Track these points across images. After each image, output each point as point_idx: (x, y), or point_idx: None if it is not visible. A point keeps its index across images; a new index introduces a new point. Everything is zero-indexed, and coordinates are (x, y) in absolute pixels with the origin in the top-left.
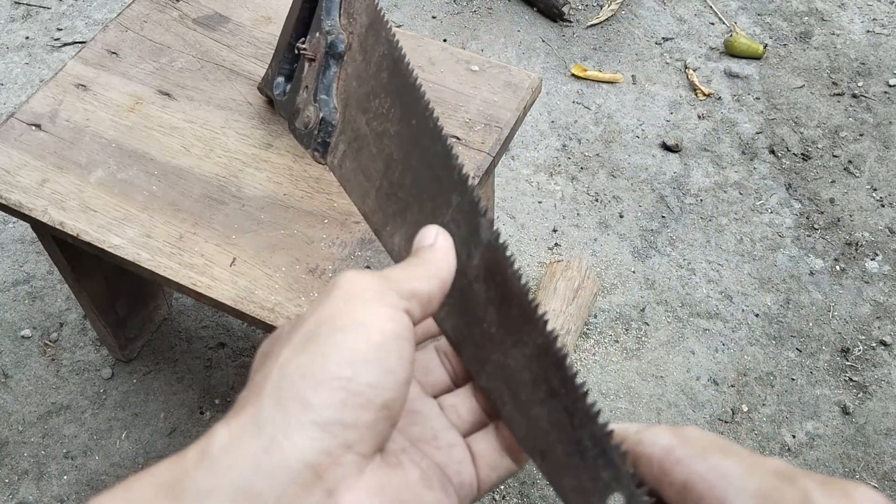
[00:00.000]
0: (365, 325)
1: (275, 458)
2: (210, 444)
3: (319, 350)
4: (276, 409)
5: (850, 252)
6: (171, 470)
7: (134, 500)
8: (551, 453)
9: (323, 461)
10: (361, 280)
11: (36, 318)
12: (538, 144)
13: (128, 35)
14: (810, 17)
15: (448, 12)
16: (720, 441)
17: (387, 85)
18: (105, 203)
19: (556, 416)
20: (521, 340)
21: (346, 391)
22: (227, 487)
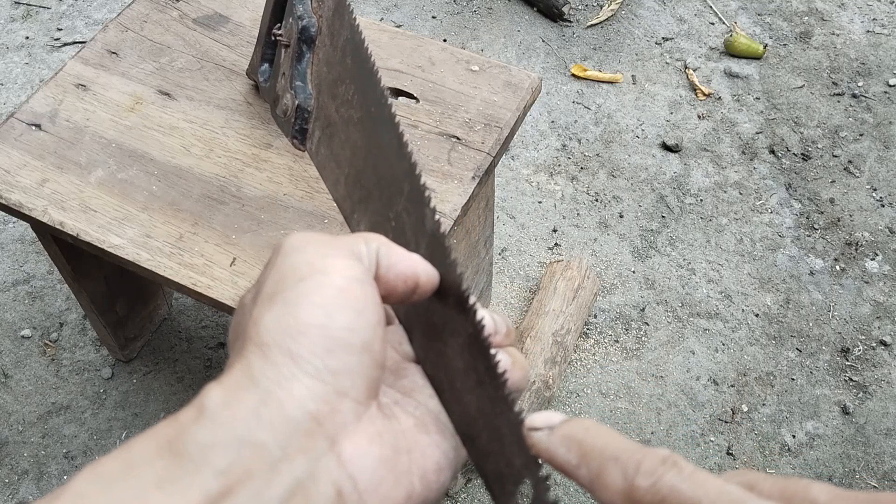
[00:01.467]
0: (325, 271)
1: (274, 409)
2: (205, 402)
3: (288, 302)
4: (265, 364)
5: (850, 252)
6: (168, 428)
7: (134, 460)
8: (478, 439)
9: (322, 409)
10: (309, 236)
11: (36, 318)
12: (538, 144)
13: (128, 35)
14: (810, 16)
15: (448, 12)
16: (683, 498)
17: (350, 70)
18: (105, 203)
19: (482, 403)
20: (455, 330)
21: (325, 337)
22: (230, 440)
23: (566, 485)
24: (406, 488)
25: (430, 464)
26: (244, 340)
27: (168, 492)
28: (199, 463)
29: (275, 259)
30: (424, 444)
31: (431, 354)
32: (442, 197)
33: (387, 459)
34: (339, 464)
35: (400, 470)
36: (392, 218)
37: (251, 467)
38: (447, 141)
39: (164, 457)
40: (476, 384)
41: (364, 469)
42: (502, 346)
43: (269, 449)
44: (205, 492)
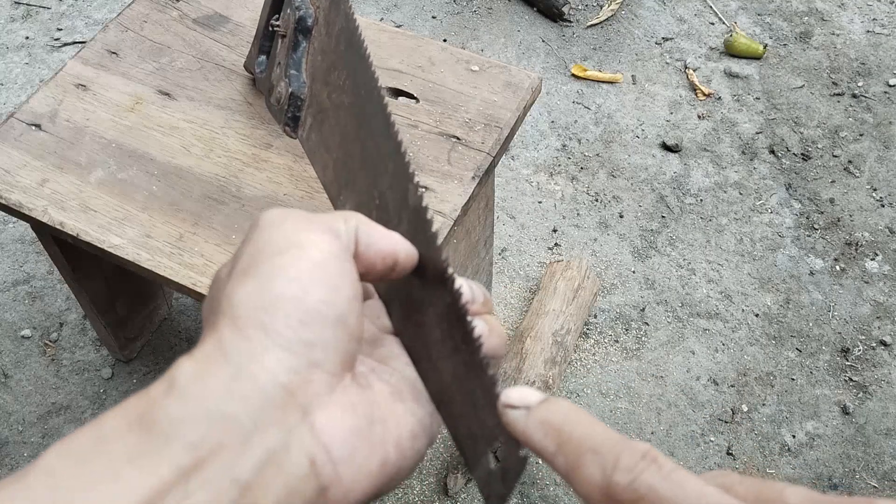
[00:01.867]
0: (301, 245)
1: (245, 383)
2: (176, 376)
3: (263, 275)
4: (238, 338)
5: (850, 252)
6: (139, 403)
7: (104, 435)
8: (452, 405)
9: (294, 380)
10: (286, 211)
11: (36, 318)
12: (538, 144)
13: (128, 35)
14: (810, 16)
15: (448, 12)
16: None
17: (343, 57)
18: (105, 203)
19: (457, 369)
20: (434, 301)
21: (299, 310)
22: (201, 414)
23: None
24: (380, 456)
25: (405, 431)
26: (217, 314)
27: (139, 465)
28: (170, 437)
29: (251, 234)
30: (399, 413)
31: (409, 326)
32: (442, 197)
33: (360, 429)
34: (312, 434)
35: (374, 439)
36: (376, 197)
37: (223, 440)
38: (447, 141)
39: (135, 431)
40: (452, 351)
41: (337, 439)
42: (479, 314)
43: (241, 421)
44: (176, 465)
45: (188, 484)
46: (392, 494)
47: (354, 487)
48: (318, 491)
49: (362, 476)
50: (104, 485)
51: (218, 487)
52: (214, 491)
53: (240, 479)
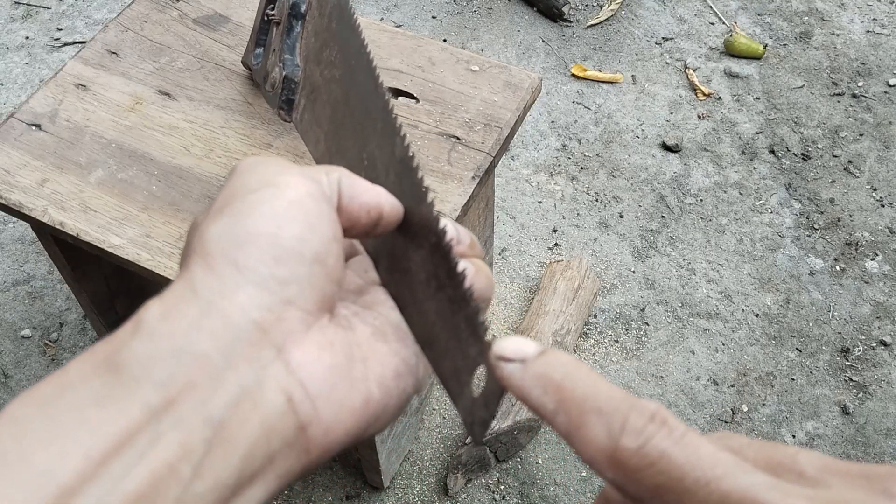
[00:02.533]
0: (278, 185)
1: (216, 319)
2: (143, 317)
3: (237, 213)
4: (208, 274)
5: (850, 252)
6: (105, 346)
7: (70, 380)
8: (436, 343)
9: (267, 317)
10: (264, 157)
11: (36, 318)
12: (538, 144)
13: (128, 35)
14: (810, 17)
15: (448, 12)
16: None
17: (335, 33)
18: (105, 203)
19: (441, 306)
20: (419, 244)
21: (274, 246)
22: (170, 351)
23: (566, 485)
24: (362, 394)
25: (389, 370)
26: (189, 255)
27: (106, 407)
28: (138, 377)
29: (228, 179)
30: (382, 352)
31: (396, 274)
32: (442, 197)
33: (339, 366)
34: (287, 371)
35: (354, 376)
36: (365, 158)
37: (193, 378)
38: (447, 141)
39: (101, 374)
40: (436, 289)
41: (314, 375)
42: (465, 256)
43: (212, 358)
44: (145, 405)
45: (159, 424)
46: (392, 494)
47: (335, 426)
48: (298, 428)
49: (343, 413)
50: (71, 429)
51: (190, 426)
52: (187, 430)
53: (212, 416)
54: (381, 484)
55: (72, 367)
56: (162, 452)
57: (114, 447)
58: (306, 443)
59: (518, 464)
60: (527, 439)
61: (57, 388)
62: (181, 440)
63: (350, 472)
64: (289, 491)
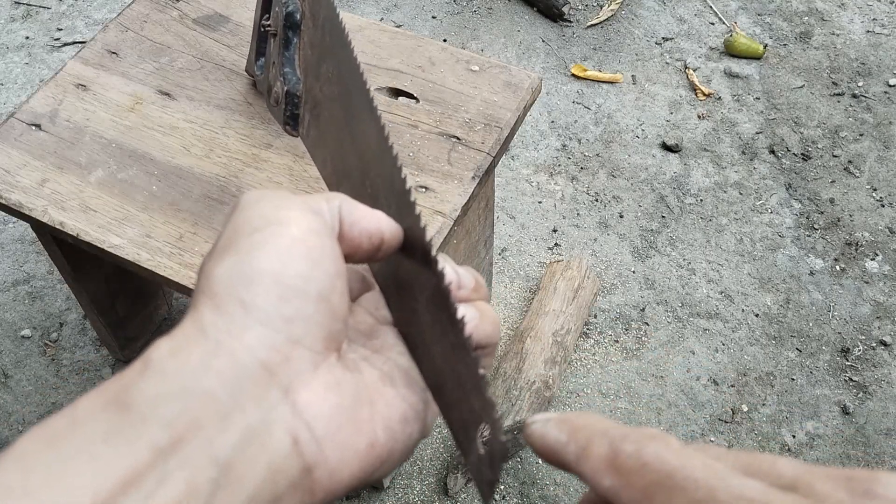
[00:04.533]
0: (281, 222)
1: (223, 359)
2: (152, 356)
3: (241, 252)
4: (216, 315)
5: (850, 252)
6: (114, 384)
7: (79, 417)
8: (444, 389)
9: (274, 357)
10: (265, 191)
11: (36, 318)
12: (538, 144)
13: (128, 35)
14: (810, 16)
15: (448, 12)
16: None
17: (329, 47)
18: (105, 203)
19: (445, 352)
20: (423, 285)
21: (278, 285)
22: (178, 391)
23: (566, 485)
24: (368, 437)
25: (395, 414)
26: (197, 295)
27: (114, 445)
28: (146, 415)
29: (231, 215)
30: (390, 396)
31: (405, 313)
32: (442, 197)
33: (345, 407)
34: (293, 412)
35: (361, 419)
36: (368, 185)
37: (200, 417)
38: (447, 141)
39: (110, 411)
40: (441, 335)
41: (320, 416)
42: (470, 301)
43: (219, 398)
44: (153, 444)
45: (166, 463)
46: (392, 494)
47: (341, 468)
48: (303, 470)
49: (349, 456)
50: (79, 466)
51: (197, 466)
52: (193, 469)
53: (219, 457)
54: (381, 484)
55: (81, 404)
56: (169, 492)
57: (121, 486)
58: (311, 485)
59: (518, 464)
60: None
61: (66, 424)
62: (188, 480)
63: None
64: None
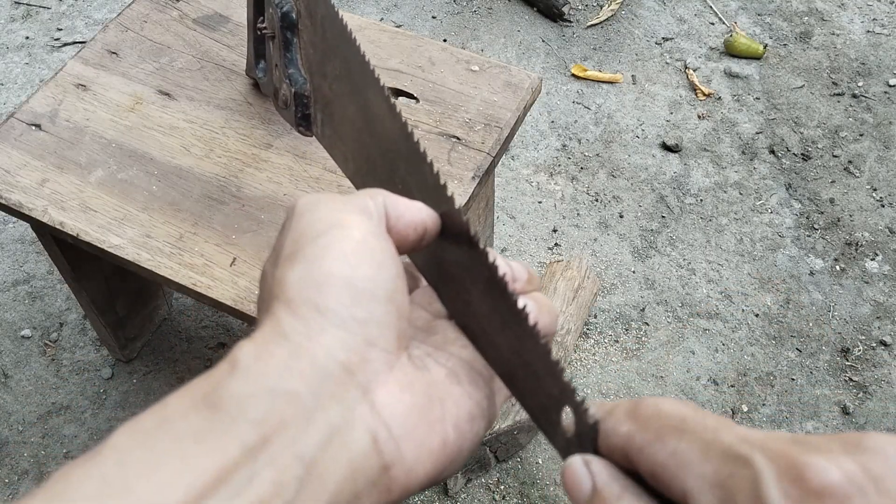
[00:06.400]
0: (342, 226)
1: (304, 361)
2: (238, 356)
3: (310, 257)
4: (294, 319)
5: (850, 252)
6: (203, 384)
7: (169, 415)
8: (516, 378)
9: (352, 358)
10: (319, 196)
11: (36, 318)
12: (538, 144)
13: (128, 35)
14: (810, 17)
15: (448, 12)
16: (677, 413)
17: (332, 45)
18: (105, 203)
19: (511, 343)
20: (475, 278)
21: (349, 288)
22: (264, 391)
23: None
24: (440, 435)
25: (463, 413)
26: (271, 301)
27: (205, 444)
28: (235, 415)
29: (289, 222)
30: (457, 395)
31: (459, 305)
32: None
33: (420, 407)
34: (372, 411)
35: (433, 418)
36: (398, 182)
37: (286, 417)
38: (447, 141)
39: (200, 410)
40: (502, 325)
41: (397, 416)
42: (526, 293)
43: (303, 398)
44: (242, 442)
45: (255, 462)
46: None
47: (416, 467)
48: (381, 469)
49: (424, 454)
50: (172, 463)
51: (283, 464)
52: (280, 468)
53: (304, 455)
54: None
55: (171, 402)
56: (257, 490)
57: (213, 483)
58: (389, 483)
59: (518, 464)
60: (527, 439)
61: (157, 422)
62: (274, 478)
63: None
64: None
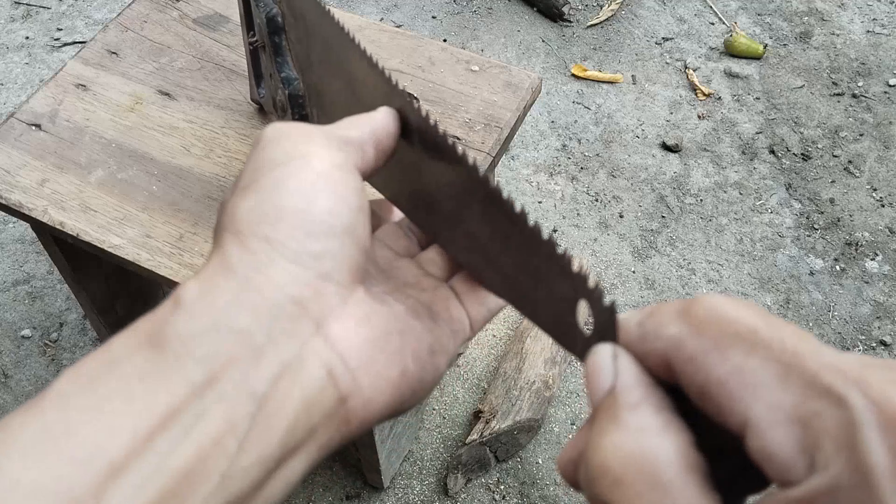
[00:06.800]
0: (304, 156)
1: (253, 295)
2: (182, 294)
3: (264, 189)
4: (242, 252)
5: (850, 252)
6: (146, 324)
7: (114, 357)
8: (526, 296)
9: (304, 293)
10: (286, 125)
11: (36, 318)
12: (538, 144)
13: (128, 35)
14: (810, 16)
15: (448, 12)
16: (746, 321)
17: (312, 29)
18: (105, 203)
19: (515, 255)
20: (471, 202)
21: (305, 222)
22: (211, 328)
23: (566, 485)
24: (399, 366)
25: (423, 346)
26: (221, 233)
27: (151, 384)
28: (181, 353)
29: (252, 152)
30: (417, 329)
31: (459, 241)
32: None
33: (376, 339)
34: (326, 345)
35: (391, 349)
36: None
37: (235, 353)
38: None
39: (145, 351)
40: (503, 242)
41: (353, 348)
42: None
43: (252, 334)
44: (189, 381)
45: (203, 399)
46: (392, 494)
47: (375, 397)
48: (338, 401)
49: (382, 385)
50: (117, 405)
51: (234, 401)
52: (230, 404)
53: (256, 391)
54: (381, 484)
55: (114, 345)
56: (207, 428)
57: (160, 423)
58: (346, 414)
59: (518, 464)
60: (527, 439)
61: (101, 365)
62: (225, 415)
63: (350, 472)
64: None
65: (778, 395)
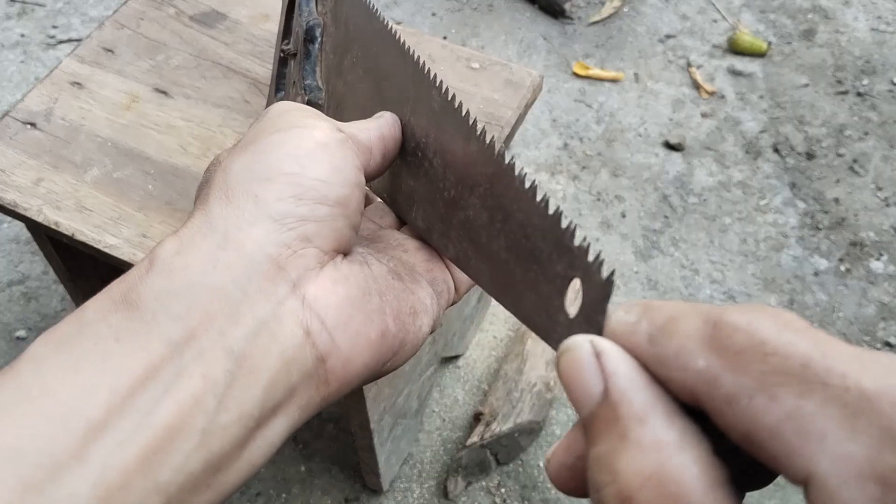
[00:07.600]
0: (306, 126)
1: (231, 252)
2: (158, 253)
3: (262, 150)
4: (227, 208)
5: (855, 252)
6: (121, 284)
7: (88, 318)
8: (513, 283)
9: (283, 253)
10: (295, 104)
11: (31, 319)
12: (539, 143)
13: (124, 32)
14: (814, 14)
15: (448, 9)
16: (793, 350)
17: (353, 36)
18: (101, 202)
19: (512, 236)
20: (474, 184)
21: (297, 186)
22: (186, 286)
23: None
24: (379, 326)
25: (405, 306)
26: (209, 188)
27: (127, 343)
28: (157, 312)
29: (257, 121)
30: (398, 289)
31: (454, 231)
32: None
33: (355, 298)
34: (303, 305)
35: (370, 308)
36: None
37: (211, 311)
38: None
39: (120, 311)
40: (503, 221)
41: (330, 307)
42: None
43: (228, 292)
44: (166, 339)
45: (181, 357)
46: (391, 498)
47: (354, 357)
48: (317, 360)
49: (361, 344)
50: (94, 365)
51: (211, 358)
52: (208, 362)
53: (233, 349)
54: (381, 487)
55: (89, 306)
56: (186, 385)
57: (138, 381)
58: (325, 374)
59: (519, 467)
60: (528, 442)
61: (76, 327)
62: (204, 372)
63: (349, 475)
64: (286, 493)
65: (847, 447)
